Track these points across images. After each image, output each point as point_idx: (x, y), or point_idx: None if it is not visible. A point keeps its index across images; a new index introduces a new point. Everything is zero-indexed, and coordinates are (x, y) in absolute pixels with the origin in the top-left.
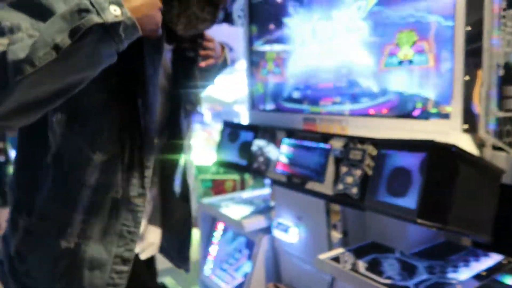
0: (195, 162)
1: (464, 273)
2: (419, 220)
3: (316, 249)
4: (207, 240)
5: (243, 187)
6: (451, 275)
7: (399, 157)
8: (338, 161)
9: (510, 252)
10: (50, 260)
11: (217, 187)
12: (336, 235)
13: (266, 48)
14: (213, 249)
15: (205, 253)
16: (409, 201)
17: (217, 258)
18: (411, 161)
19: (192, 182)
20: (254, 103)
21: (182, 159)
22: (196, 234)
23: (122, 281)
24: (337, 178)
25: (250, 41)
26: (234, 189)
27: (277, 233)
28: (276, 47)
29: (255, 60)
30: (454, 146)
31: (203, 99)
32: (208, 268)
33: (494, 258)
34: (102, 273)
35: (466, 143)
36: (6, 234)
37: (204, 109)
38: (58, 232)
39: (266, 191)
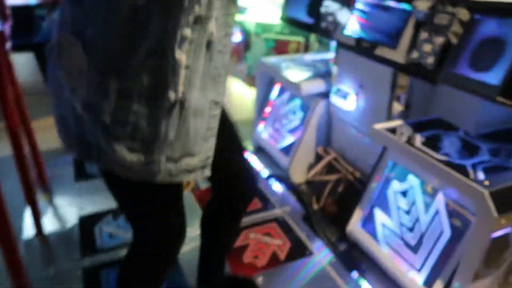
0: (260, 19)
1: None
2: (499, 98)
3: (374, 119)
4: (263, 99)
5: (307, 50)
6: None
7: (496, 25)
8: (418, 26)
9: None
10: (158, 120)
11: (280, 48)
12: (398, 107)
13: None
14: (268, 108)
15: (260, 112)
16: (493, 76)
17: (271, 117)
18: (509, 30)
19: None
20: None
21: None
22: (253, 93)
23: (215, 124)
24: (413, 45)
25: None
26: (297, 52)
27: (335, 99)
28: None
29: None
30: None
31: None
32: (261, 126)
33: None
34: (202, 119)
35: None
36: (93, 103)
37: None
38: (166, 85)
39: (330, 55)
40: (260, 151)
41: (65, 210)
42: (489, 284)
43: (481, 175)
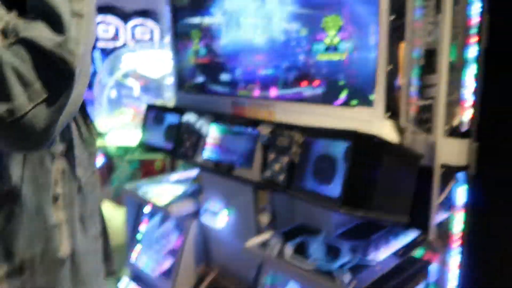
0: (121, 142)
1: (383, 252)
2: (343, 209)
3: (245, 233)
4: (133, 225)
5: (173, 166)
6: (372, 255)
7: (325, 145)
8: (265, 148)
9: (425, 227)
10: None
11: (146, 167)
12: (264, 219)
13: (194, 21)
14: (142, 233)
15: (132, 238)
16: (334, 189)
17: (145, 241)
18: (336, 149)
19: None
20: (180, 83)
21: None
22: (122, 214)
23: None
24: (265, 164)
25: (175, 15)
26: (163, 169)
27: (205, 218)
28: (205, 20)
29: (181, 35)
30: (375, 136)
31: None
32: (135, 253)
33: (411, 235)
34: (95, 257)
35: (388, 130)
36: None
37: (132, 82)
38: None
39: (195, 172)
40: (138, 279)
41: None
42: None
43: (347, 278)
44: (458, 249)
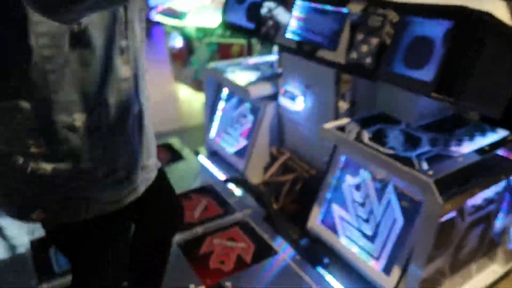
0: (200, 24)
1: (467, 147)
2: (433, 94)
3: (322, 117)
4: (212, 105)
5: (250, 52)
6: (454, 148)
7: (423, 25)
8: (354, 28)
9: None
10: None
11: (224, 51)
12: (344, 105)
13: None
14: (219, 113)
15: (210, 117)
16: (426, 73)
17: (222, 122)
18: (435, 30)
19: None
20: None
21: None
22: (200, 97)
23: None
24: (351, 46)
25: None
26: (240, 54)
27: (283, 100)
28: None
29: None
30: (486, 14)
31: None
32: (213, 131)
33: (499, 134)
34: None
35: (502, 11)
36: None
37: None
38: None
39: (274, 57)
40: (214, 155)
41: (14, 236)
42: (441, 264)
43: (425, 166)
44: None
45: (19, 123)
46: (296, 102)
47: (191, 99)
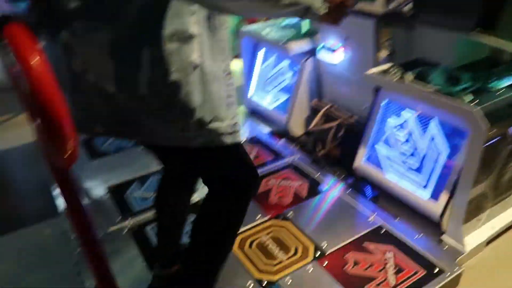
0: None
1: (505, 83)
2: (474, 31)
3: (361, 68)
4: (249, 65)
5: None
6: (493, 83)
7: None
8: None
9: None
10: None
11: (251, 19)
12: (383, 54)
13: None
14: (256, 73)
15: (249, 77)
16: (467, 12)
17: (260, 81)
18: None
19: None
20: None
21: None
22: (235, 61)
23: (234, 92)
24: None
25: None
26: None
27: (322, 54)
28: None
29: None
30: None
31: None
32: (252, 90)
33: None
34: (220, 85)
35: None
36: (127, 78)
37: None
38: (189, 52)
39: None
40: (254, 113)
41: (91, 186)
42: (484, 187)
43: (468, 98)
44: None
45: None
46: (335, 55)
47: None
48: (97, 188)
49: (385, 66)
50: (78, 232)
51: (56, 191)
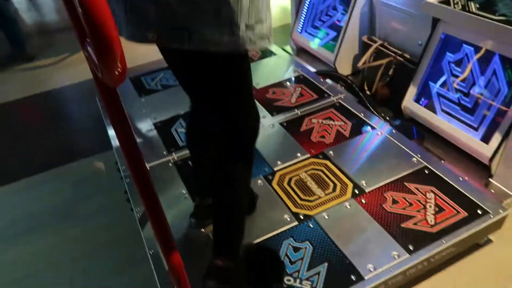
0: None
1: None
2: None
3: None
4: (298, 1)
5: None
6: None
7: None
8: None
9: None
10: None
11: None
12: None
13: None
14: (305, 8)
15: (297, 12)
16: None
17: (310, 16)
18: None
19: None
20: None
21: None
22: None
23: None
24: None
25: None
26: None
27: None
28: None
29: None
30: None
31: None
32: (300, 26)
33: None
34: None
35: None
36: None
37: None
38: None
39: None
40: (302, 51)
41: (138, 121)
42: None
43: None
44: None
45: None
46: None
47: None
48: (144, 123)
49: None
50: (127, 159)
51: (109, 126)
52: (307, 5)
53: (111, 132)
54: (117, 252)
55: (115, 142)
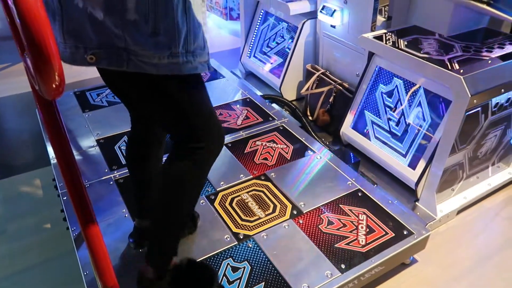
0: None
1: (497, 53)
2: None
3: (359, 31)
4: (248, 27)
5: None
6: (484, 54)
7: None
8: None
9: None
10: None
11: None
12: (381, 19)
13: None
14: (254, 34)
15: (246, 38)
16: None
17: (258, 42)
18: None
19: None
20: None
21: None
22: (231, 24)
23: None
24: None
25: None
26: None
27: (321, 16)
28: None
29: None
30: None
31: None
32: (249, 52)
33: None
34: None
35: None
36: (115, 5)
37: None
38: None
39: None
40: (250, 75)
41: (81, 137)
42: (461, 158)
43: (456, 66)
44: None
45: None
46: (334, 16)
47: (222, 27)
48: (87, 140)
49: (380, 31)
50: (64, 175)
51: (48, 140)
52: (255, 31)
53: (50, 147)
54: (50, 273)
55: (53, 157)
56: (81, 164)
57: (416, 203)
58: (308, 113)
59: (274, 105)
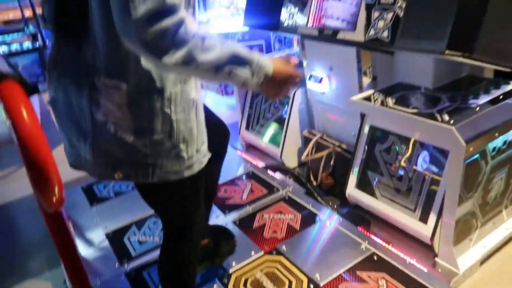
0: (222, 29)
1: (483, 99)
2: (447, 52)
3: (348, 95)
4: (243, 101)
5: (269, 51)
6: (471, 101)
7: None
8: (369, 8)
9: None
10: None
11: None
12: (366, 80)
13: None
14: (250, 108)
15: (242, 112)
16: (438, 34)
17: (254, 115)
18: None
19: None
20: None
21: None
22: (227, 100)
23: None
24: (369, 24)
25: None
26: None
27: (310, 84)
28: None
29: None
30: None
31: None
32: (247, 125)
33: None
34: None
35: None
36: (144, 128)
37: None
38: (189, 90)
39: (294, 50)
40: (250, 148)
41: (89, 232)
42: (471, 206)
43: (446, 117)
44: None
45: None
46: (322, 83)
47: (218, 103)
48: (96, 234)
49: (368, 92)
50: (72, 281)
51: None
52: (249, 104)
53: None
54: None
55: None
56: (92, 261)
57: (436, 259)
58: (312, 178)
59: (277, 174)
